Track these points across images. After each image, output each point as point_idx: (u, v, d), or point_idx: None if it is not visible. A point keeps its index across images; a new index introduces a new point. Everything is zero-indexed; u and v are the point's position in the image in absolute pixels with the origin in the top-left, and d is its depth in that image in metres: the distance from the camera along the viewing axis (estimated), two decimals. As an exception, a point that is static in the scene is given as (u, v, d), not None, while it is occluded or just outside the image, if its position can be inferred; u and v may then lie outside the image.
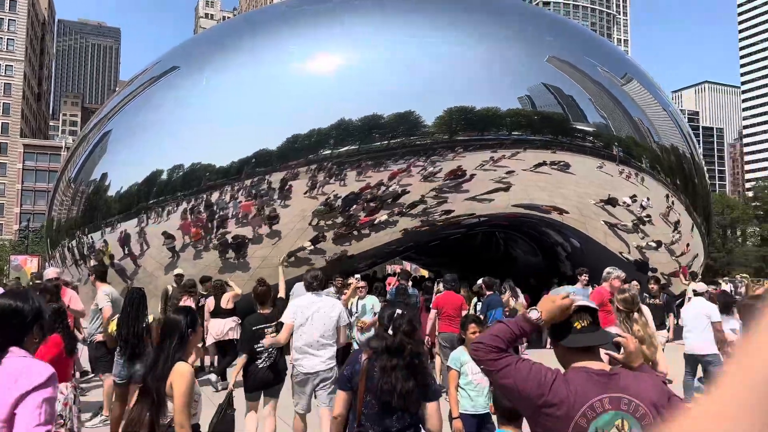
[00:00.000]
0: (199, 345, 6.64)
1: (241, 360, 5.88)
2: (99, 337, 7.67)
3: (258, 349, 5.73)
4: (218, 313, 10.05)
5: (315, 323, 5.69)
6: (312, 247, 13.14)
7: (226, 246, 12.76)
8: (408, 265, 32.17)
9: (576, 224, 15.19)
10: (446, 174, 13.56)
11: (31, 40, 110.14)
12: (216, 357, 10.56)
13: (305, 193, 12.89)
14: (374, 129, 13.31)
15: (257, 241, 12.85)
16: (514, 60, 14.54)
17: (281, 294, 8.45)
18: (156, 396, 3.14)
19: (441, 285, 10.12)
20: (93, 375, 9.28)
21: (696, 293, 9.42)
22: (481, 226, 16.34)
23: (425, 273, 26.69)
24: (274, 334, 5.51)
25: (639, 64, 19.06)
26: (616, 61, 17.15)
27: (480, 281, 10.11)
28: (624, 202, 15.04)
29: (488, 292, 9.68)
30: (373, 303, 9.36)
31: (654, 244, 15.75)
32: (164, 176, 12.96)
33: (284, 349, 6.01)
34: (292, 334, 5.72)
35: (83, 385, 8.99)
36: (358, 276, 12.73)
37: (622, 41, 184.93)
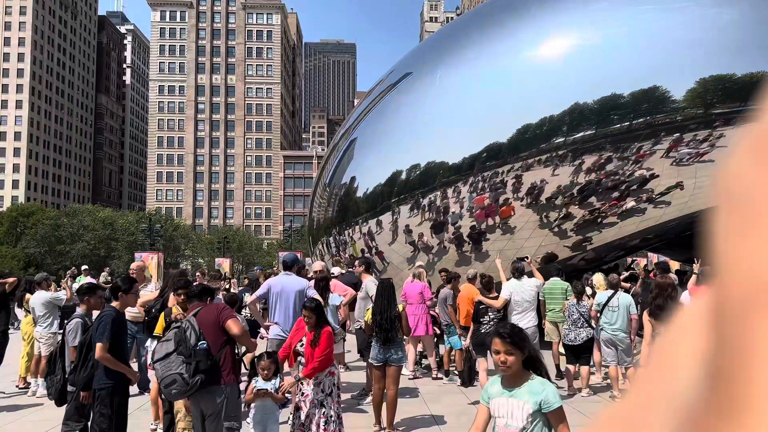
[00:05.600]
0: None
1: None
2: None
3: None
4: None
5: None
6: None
7: (461, 240, 13.10)
8: (654, 257, 29.20)
9: None
10: (701, 153, 12.02)
11: (285, 64, 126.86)
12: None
13: (538, 184, 12.57)
14: (613, 110, 12.39)
15: (491, 231, 12.96)
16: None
17: (503, 281, 9.47)
18: None
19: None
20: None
21: None
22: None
23: (677, 265, 23.98)
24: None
25: None
26: None
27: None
28: None
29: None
30: None
31: None
32: (403, 176, 13.79)
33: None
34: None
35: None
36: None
37: None
